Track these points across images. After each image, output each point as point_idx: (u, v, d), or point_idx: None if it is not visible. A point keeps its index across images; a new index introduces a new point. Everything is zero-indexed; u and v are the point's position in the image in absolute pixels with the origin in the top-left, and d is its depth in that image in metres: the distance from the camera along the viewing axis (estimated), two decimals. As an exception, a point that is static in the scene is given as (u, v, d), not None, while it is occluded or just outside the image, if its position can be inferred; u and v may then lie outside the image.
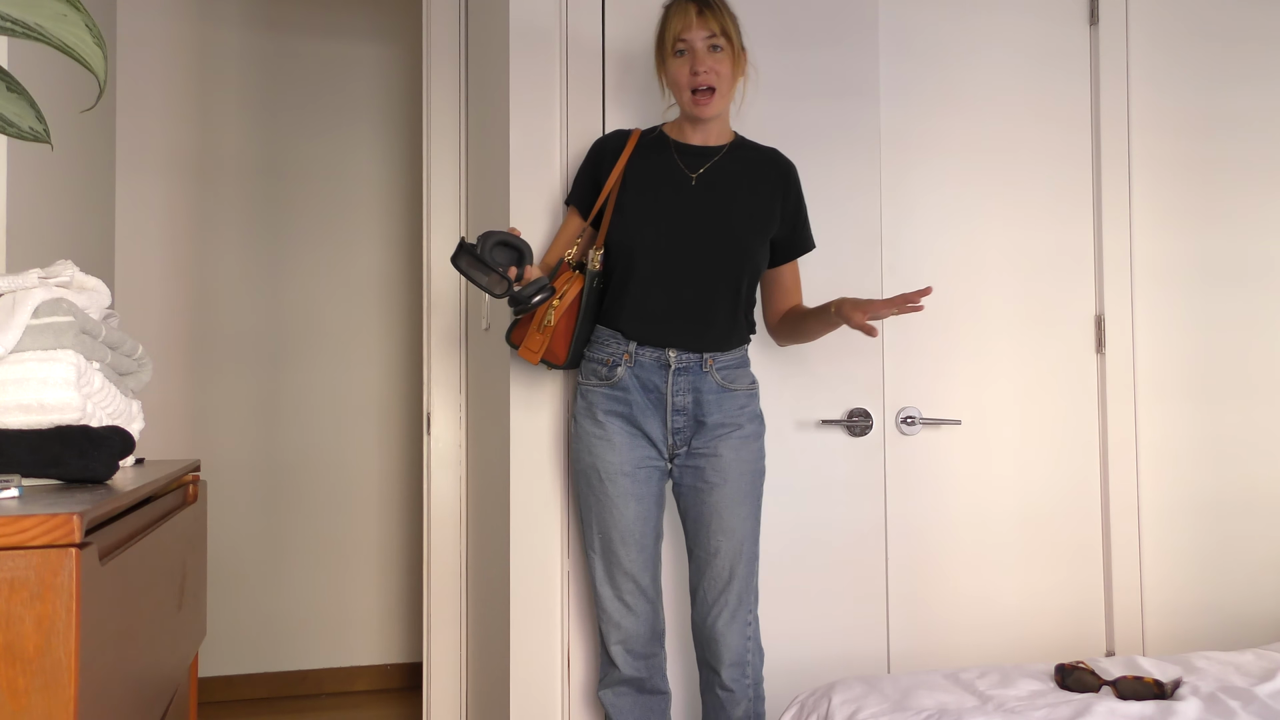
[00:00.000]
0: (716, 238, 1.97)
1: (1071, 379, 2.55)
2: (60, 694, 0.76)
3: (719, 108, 1.96)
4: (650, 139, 2.05)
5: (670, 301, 1.96)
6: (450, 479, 2.73)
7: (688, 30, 1.91)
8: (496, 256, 1.84)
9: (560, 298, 1.96)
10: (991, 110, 2.49)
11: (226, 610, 3.50)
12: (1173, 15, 2.65)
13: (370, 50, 3.71)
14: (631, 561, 1.98)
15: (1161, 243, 2.61)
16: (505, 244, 1.84)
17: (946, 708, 1.64)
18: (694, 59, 1.91)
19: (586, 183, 2.07)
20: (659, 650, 2.06)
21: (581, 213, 2.07)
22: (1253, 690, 1.70)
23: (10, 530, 0.76)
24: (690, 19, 1.91)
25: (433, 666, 2.70)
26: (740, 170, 2.01)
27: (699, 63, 1.90)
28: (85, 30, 1.02)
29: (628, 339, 1.97)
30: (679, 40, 1.92)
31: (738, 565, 1.97)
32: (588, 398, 2.01)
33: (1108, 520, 2.54)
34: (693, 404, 1.96)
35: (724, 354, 1.99)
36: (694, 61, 1.91)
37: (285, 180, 3.61)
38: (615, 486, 1.97)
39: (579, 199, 2.08)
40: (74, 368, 1.07)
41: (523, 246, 1.85)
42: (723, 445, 1.97)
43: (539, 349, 1.98)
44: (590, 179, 2.06)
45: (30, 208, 2.08)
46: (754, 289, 2.06)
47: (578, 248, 2.06)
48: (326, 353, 3.64)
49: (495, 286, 1.85)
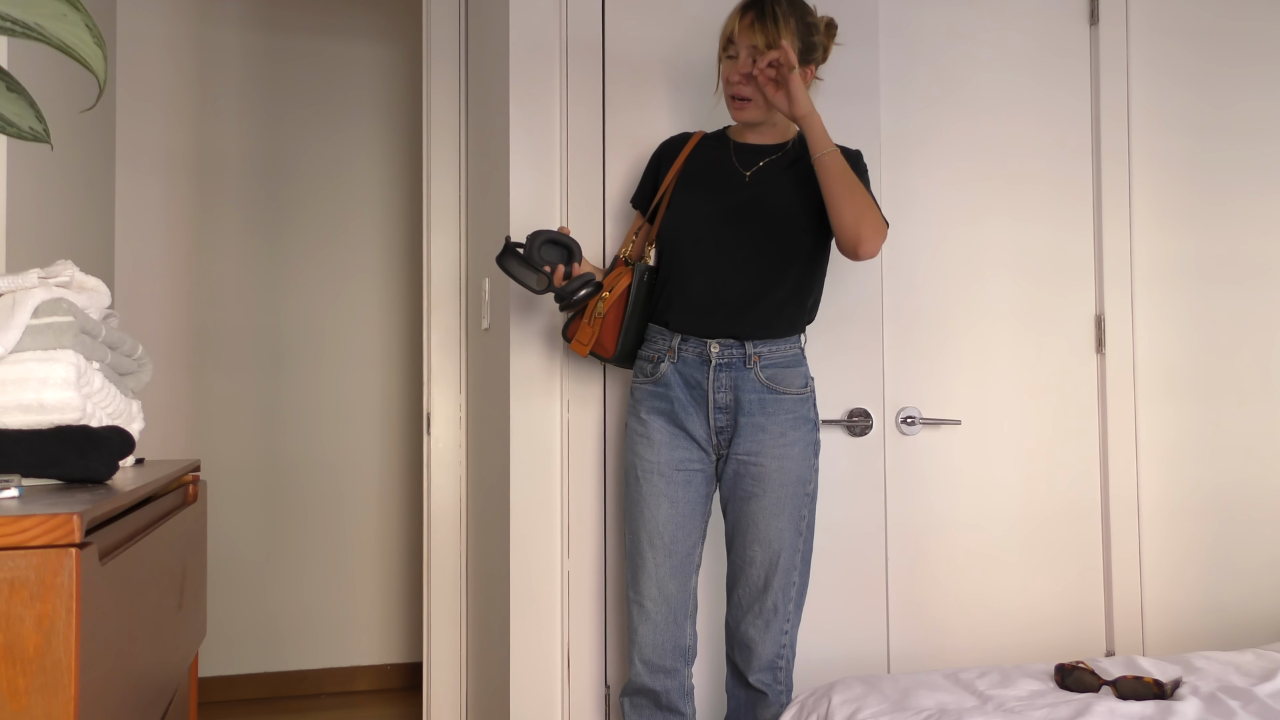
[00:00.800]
0: (762, 229, 1.93)
1: (1071, 379, 2.55)
2: (60, 694, 0.76)
3: (754, 116, 1.93)
4: (711, 140, 2.04)
5: (713, 290, 1.93)
6: (450, 479, 2.73)
7: (737, 36, 1.88)
8: (545, 254, 1.88)
9: (610, 290, 1.96)
10: (991, 110, 2.49)
11: (226, 610, 3.50)
12: (1173, 15, 2.65)
13: (370, 50, 3.71)
14: (657, 565, 1.93)
15: (1161, 243, 2.62)
16: (554, 242, 1.88)
17: (946, 708, 1.64)
18: (738, 66, 1.89)
19: (648, 183, 2.08)
20: (681, 667, 1.96)
21: (643, 212, 2.08)
22: (1253, 690, 1.70)
23: (10, 530, 0.76)
24: (740, 24, 1.88)
25: (433, 666, 2.70)
26: (795, 166, 1.97)
27: (735, 72, 1.89)
28: (85, 30, 1.02)
29: (673, 333, 1.95)
30: (730, 43, 1.90)
31: (773, 576, 1.93)
32: (635, 395, 2.00)
33: (1108, 520, 2.54)
34: (733, 402, 1.92)
35: (769, 348, 1.93)
36: (737, 69, 1.89)
37: (285, 180, 3.61)
38: (649, 485, 1.94)
39: (641, 200, 2.09)
40: (74, 368, 1.07)
41: (571, 244, 1.89)
42: (764, 454, 1.92)
43: (589, 341, 1.98)
44: (651, 179, 2.08)
45: (30, 208, 2.08)
46: (809, 280, 1.98)
47: (634, 244, 2.06)
48: (326, 352, 3.64)
49: (536, 284, 1.89)
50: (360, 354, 3.67)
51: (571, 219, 2.21)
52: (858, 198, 1.85)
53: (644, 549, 1.94)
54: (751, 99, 1.90)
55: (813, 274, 1.99)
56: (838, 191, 1.85)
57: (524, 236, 2.04)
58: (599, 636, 2.20)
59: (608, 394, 2.22)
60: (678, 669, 1.96)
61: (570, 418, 2.20)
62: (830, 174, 1.85)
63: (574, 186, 2.22)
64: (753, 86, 1.88)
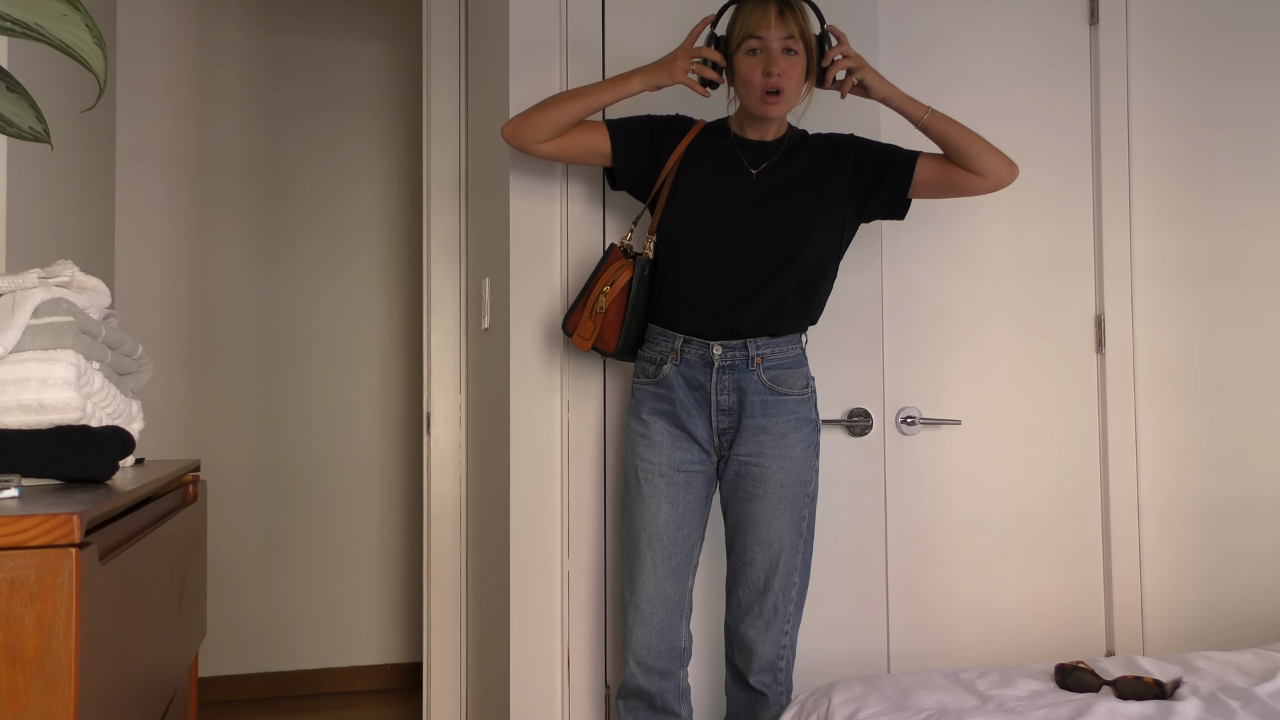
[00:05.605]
0: (769, 228, 1.92)
1: (1071, 379, 2.55)
2: (60, 694, 0.76)
3: (785, 109, 1.90)
4: (713, 130, 2.00)
5: (717, 289, 1.91)
6: (450, 479, 2.73)
7: (765, 29, 1.84)
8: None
9: (611, 285, 1.94)
10: (991, 110, 2.49)
11: (226, 610, 3.50)
12: (1173, 15, 2.65)
13: (370, 50, 3.71)
14: (656, 567, 1.93)
15: (1161, 243, 2.62)
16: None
17: (946, 708, 1.64)
18: (769, 60, 1.84)
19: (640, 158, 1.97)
20: (676, 669, 1.96)
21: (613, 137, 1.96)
22: (1253, 690, 1.70)
23: (10, 530, 0.76)
24: (769, 18, 1.84)
25: (433, 666, 2.70)
26: (800, 163, 1.97)
27: (774, 64, 1.84)
28: (85, 30, 1.02)
29: (675, 333, 1.94)
30: (753, 38, 1.85)
31: (774, 577, 1.93)
32: (636, 396, 1.99)
33: (1108, 520, 2.54)
34: (736, 404, 1.92)
35: (772, 348, 1.92)
36: (768, 62, 1.84)
37: (285, 180, 3.61)
38: (650, 486, 1.93)
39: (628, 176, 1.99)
40: (74, 368, 1.07)
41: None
42: (765, 456, 1.92)
43: (590, 336, 1.96)
44: (645, 131, 1.98)
45: (30, 208, 2.08)
46: (814, 279, 1.97)
47: (632, 233, 2.03)
48: (326, 352, 3.64)
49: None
50: (360, 354, 3.67)
51: (571, 218, 2.21)
52: (976, 136, 1.95)
53: (643, 550, 1.93)
54: (785, 90, 1.86)
55: (818, 272, 1.98)
56: (961, 136, 1.94)
57: (524, 238, 2.03)
58: (599, 636, 2.20)
59: (608, 393, 2.22)
60: (673, 670, 1.96)
61: (570, 417, 2.20)
62: (946, 125, 1.94)
63: (574, 186, 2.21)
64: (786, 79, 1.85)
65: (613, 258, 1.99)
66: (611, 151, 1.97)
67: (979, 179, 1.97)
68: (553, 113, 1.92)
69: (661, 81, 1.92)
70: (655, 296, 1.98)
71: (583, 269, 2.19)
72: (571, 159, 2.00)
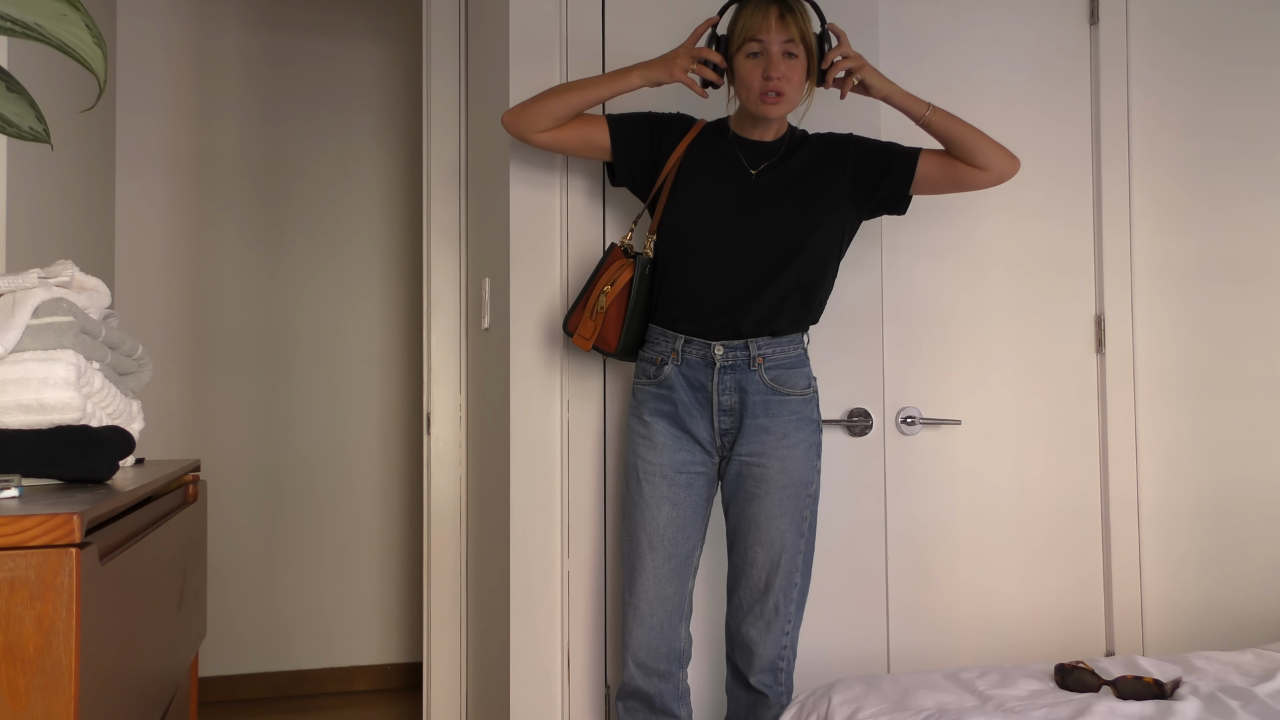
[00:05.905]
0: (769, 228, 1.92)
1: (1071, 379, 2.55)
2: (60, 694, 0.76)
3: (785, 110, 1.90)
4: (713, 130, 2.00)
5: (719, 289, 1.91)
6: (450, 479, 2.73)
7: (765, 32, 1.84)
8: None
9: (612, 284, 1.94)
10: (991, 110, 2.49)
11: (226, 610, 3.50)
12: (1173, 15, 2.65)
13: (370, 50, 3.71)
14: (656, 568, 1.92)
15: (1161, 243, 2.62)
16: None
17: (946, 707, 1.64)
18: (769, 63, 1.84)
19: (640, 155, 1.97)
20: (675, 670, 1.96)
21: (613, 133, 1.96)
22: (1252, 690, 1.70)
23: (10, 530, 0.76)
24: (770, 21, 1.83)
25: (433, 666, 2.71)
26: (800, 163, 1.97)
27: (773, 68, 1.83)
28: (85, 30, 1.02)
29: (676, 333, 1.94)
30: (753, 40, 1.85)
31: (775, 577, 1.93)
32: (637, 397, 1.99)
33: (1108, 520, 2.54)
34: (738, 404, 1.92)
35: (773, 348, 1.92)
36: (768, 66, 1.84)
37: (285, 180, 3.61)
38: (651, 488, 1.93)
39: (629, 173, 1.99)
40: (74, 368, 1.07)
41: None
42: (767, 455, 1.92)
43: (591, 335, 1.96)
44: (646, 129, 1.98)
45: (30, 208, 2.08)
46: (815, 278, 1.97)
47: (632, 232, 2.03)
48: (326, 352, 3.64)
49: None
50: (360, 353, 3.67)
51: (572, 218, 2.21)
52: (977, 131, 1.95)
53: (643, 551, 1.93)
54: (786, 93, 1.86)
55: (817, 272, 1.97)
56: (963, 131, 1.94)
57: (524, 238, 2.03)
58: (599, 637, 2.20)
59: (608, 393, 2.22)
60: (672, 671, 1.96)
61: (570, 417, 2.20)
62: (947, 121, 1.94)
63: (574, 185, 2.21)
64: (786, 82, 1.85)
65: (613, 257, 1.99)
66: (611, 147, 1.97)
67: (981, 173, 1.97)
68: (553, 103, 1.93)
69: (661, 78, 1.92)
70: (655, 296, 1.98)
71: (583, 268, 2.19)
72: (570, 150, 2.00)
